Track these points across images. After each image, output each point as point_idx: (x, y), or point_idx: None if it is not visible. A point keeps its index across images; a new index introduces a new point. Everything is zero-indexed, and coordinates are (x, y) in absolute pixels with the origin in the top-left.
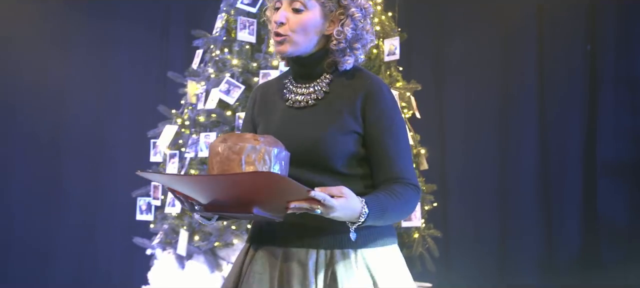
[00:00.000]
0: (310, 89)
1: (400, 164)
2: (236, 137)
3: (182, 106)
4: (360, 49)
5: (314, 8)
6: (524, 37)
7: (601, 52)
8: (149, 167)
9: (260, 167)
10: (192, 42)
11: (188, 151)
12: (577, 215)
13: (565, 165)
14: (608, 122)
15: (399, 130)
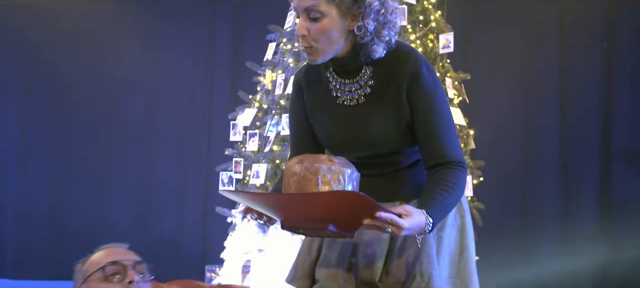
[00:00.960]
0: (355, 85)
1: (446, 145)
2: (312, 158)
3: (258, 92)
4: (389, 34)
5: (331, 12)
6: (546, 36)
7: (617, 49)
8: (227, 146)
9: (335, 187)
10: (238, 37)
11: (270, 130)
12: (593, 197)
13: (583, 153)
14: (623, 114)
15: (442, 109)
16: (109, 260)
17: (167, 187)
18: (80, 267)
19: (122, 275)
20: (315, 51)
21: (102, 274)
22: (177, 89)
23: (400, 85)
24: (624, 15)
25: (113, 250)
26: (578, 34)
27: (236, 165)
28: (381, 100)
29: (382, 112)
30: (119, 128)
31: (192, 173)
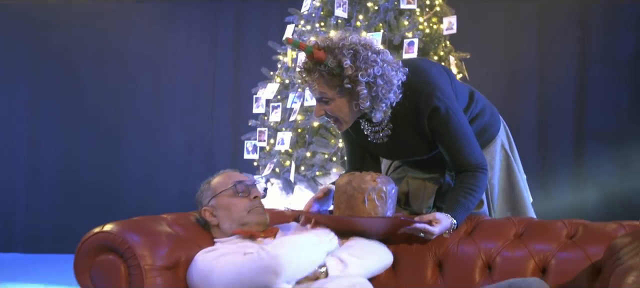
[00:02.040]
0: (378, 129)
1: (467, 155)
2: (359, 179)
3: (278, 69)
4: (386, 96)
5: (335, 97)
6: (527, 24)
7: (590, 37)
8: (250, 118)
9: (379, 203)
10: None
11: (295, 101)
12: (568, 171)
13: (559, 131)
14: (595, 96)
15: (459, 127)
16: (236, 179)
17: (174, 159)
18: (208, 186)
19: (247, 192)
20: (339, 122)
21: (232, 191)
22: (183, 71)
23: (422, 121)
24: (597, 5)
25: (232, 174)
26: (555, 23)
27: (260, 134)
28: (404, 137)
29: (408, 143)
30: (126, 110)
31: (199, 145)
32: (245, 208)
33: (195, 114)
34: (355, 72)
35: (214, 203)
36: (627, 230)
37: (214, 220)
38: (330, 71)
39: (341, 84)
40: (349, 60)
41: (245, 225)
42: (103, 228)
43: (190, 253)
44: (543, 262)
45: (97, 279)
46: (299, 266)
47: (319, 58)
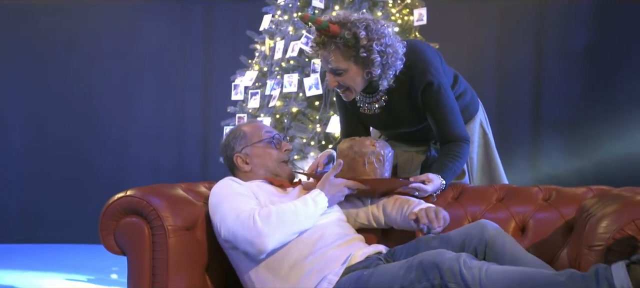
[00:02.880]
0: (373, 99)
1: (454, 129)
2: (359, 143)
3: (256, 57)
4: (394, 63)
5: (349, 66)
6: (487, 19)
7: (546, 32)
8: (229, 105)
9: (377, 165)
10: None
11: (274, 88)
12: (526, 159)
13: (517, 121)
14: (551, 88)
15: (447, 101)
16: (268, 130)
17: (140, 148)
18: (242, 134)
19: (279, 144)
20: (349, 91)
21: (267, 142)
22: (152, 59)
23: (416, 94)
24: (552, 1)
25: (263, 125)
26: (513, 18)
27: (239, 120)
28: (396, 109)
29: (399, 114)
30: (96, 99)
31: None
32: (278, 159)
33: (166, 102)
34: (370, 42)
35: (249, 151)
36: (594, 192)
37: (246, 166)
38: (346, 42)
39: (356, 54)
40: (364, 32)
41: (277, 176)
42: (126, 193)
43: (204, 217)
44: (522, 221)
45: (121, 240)
46: (283, 241)
47: (335, 31)
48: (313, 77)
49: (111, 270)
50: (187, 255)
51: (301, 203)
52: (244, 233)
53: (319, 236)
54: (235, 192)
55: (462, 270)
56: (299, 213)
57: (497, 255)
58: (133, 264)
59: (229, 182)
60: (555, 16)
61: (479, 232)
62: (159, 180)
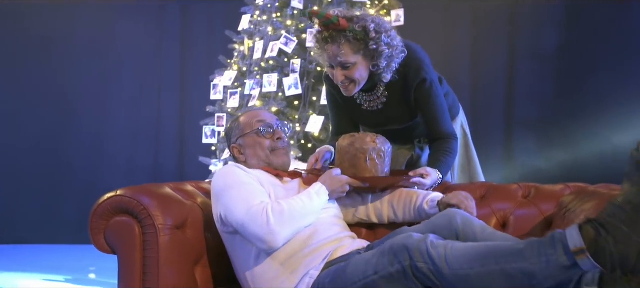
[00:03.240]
0: (373, 97)
1: (444, 125)
2: (360, 140)
3: (235, 57)
4: (398, 56)
5: (358, 60)
6: (460, 19)
7: (518, 32)
8: (208, 104)
9: (379, 161)
10: (187, 11)
11: (253, 87)
12: (499, 158)
13: (490, 120)
14: (523, 88)
15: (439, 100)
16: (260, 119)
17: (117, 147)
18: (237, 125)
19: (271, 133)
20: (354, 83)
21: (257, 131)
22: (129, 58)
23: (410, 91)
24: (524, 3)
25: (258, 113)
26: (486, 19)
27: (219, 119)
28: (395, 105)
29: (396, 111)
30: (71, 98)
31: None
32: (269, 148)
33: (142, 101)
34: (378, 34)
35: (242, 142)
36: (572, 189)
37: (241, 157)
38: (356, 36)
39: (365, 47)
40: (373, 24)
41: (270, 165)
42: (117, 193)
43: (193, 215)
44: (503, 218)
45: (111, 239)
46: (291, 237)
47: (344, 26)
48: (292, 77)
49: (89, 270)
50: (178, 253)
51: (307, 198)
52: (256, 230)
53: (312, 232)
54: (242, 181)
55: (429, 249)
56: (306, 208)
57: (469, 240)
58: (124, 263)
59: (234, 168)
60: (527, 18)
61: (447, 223)
62: (135, 180)
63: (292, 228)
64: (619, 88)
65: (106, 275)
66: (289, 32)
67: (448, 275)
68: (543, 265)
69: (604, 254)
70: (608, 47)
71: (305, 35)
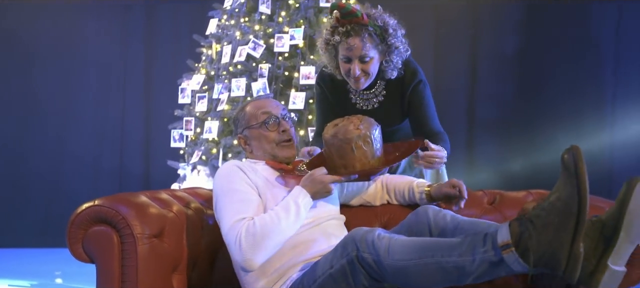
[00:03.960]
0: (371, 95)
1: (435, 124)
2: (343, 129)
3: (202, 61)
4: (404, 53)
5: (375, 55)
6: (424, 23)
7: (480, 35)
8: (176, 108)
9: (366, 148)
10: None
11: (222, 92)
12: (462, 157)
13: (453, 121)
14: (484, 89)
15: (430, 101)
16: (265, 111)
17: (80, 150)
18: (243, 115)
19: (276, 125)
20: (366, 75)
21: (262, 123)
22: (93, 60)
23: (405, 92)
24: (485, 7)
25: (265, 103)
26: (449, 22)
27: (187, 123)
28: (390, 105)
29: (390, 111)
30: (34, 101)
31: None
32: (275, 140)
33: (107, 103)
34: (395, 31)
35: (247, 133)
36: (534, 196)
37: (247, 148)
38: (376, 31)
39: (382, 42)
40: (391, 21)
41: (275, 158)
42: (95, 203)
43: (170, 224)
44: None
45: (90, 248)
46: (271, 253)
47: (366, 21)
48: (261, 82)
49: (54, 274)
50: (156, 261)
51: (283, 211)
52: (233, 253)
53: (303, 243)
54: (235, 188)
55: (374, 240)
56: (281, 225)
57: (444, 231)
58: (102, 272)
59: (233, 169)
60: (488, 20)
61: (419, 218)
62: (100, 183)
63: (267, 249)
64: (575, 92)
65: (72, 279)
66: (257, 36)
67: (387, 265)
68: (474, 259)
69: (528, 250)
70: (567, 51)
71: (273, 39)
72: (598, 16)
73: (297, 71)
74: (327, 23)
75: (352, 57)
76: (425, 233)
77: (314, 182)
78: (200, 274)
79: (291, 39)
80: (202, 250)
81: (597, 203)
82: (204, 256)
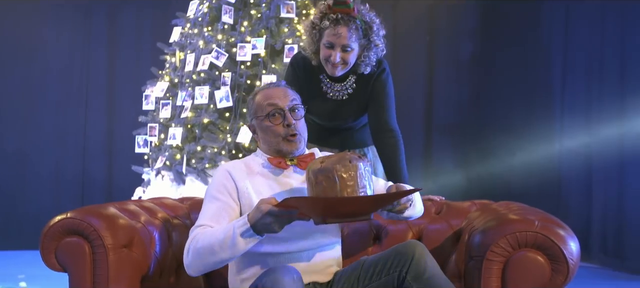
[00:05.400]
0: (342, 87)
1: (393, 119)
2: (328, 169)
3: (166, 68)
4: (376, 58)
5: (356, 47)
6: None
7: (436, 42)
8: (141, 114)
9: (360, 181)
10: (115, 20)
11: (186, 99)
12: (419, 161)
13: (411, 126)
14: (440, 94)
15: (391, 93)
16: (272, 103)
17: (42, 156)
18: (252, 104)
19: (283, 118)
20: (342, 69)
21: (268, 115)
22: (55, 65)
23: (370, 85)
24: (442, 13)
25: (274, 92)
26: (407, 28)
27: (151, 129)
28: (358, 97)
29: (357, 104)
30: None
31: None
32: (281, 135)
33: (69, 108)
34: (378, 30)
35: (255, 124)
36: (477, 206)
37: (256, 137)
38: (362, 25)
39: (365, 37)
40: (377, 20)
41: (279, 152)
42: (67, 215)
43: (139, 234)
44: (419, 232)
45: (62, 258)
46: (207, 270)
47: (354, 15)
48: (223, 90)
49: (18, 277)
50: (125, 270)
51: (222, 234)
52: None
53: (281, 269)
54: (214, 195)
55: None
56: (214, 247)
57: (418, 274)
58: (75, 281)
59: (223, 176)
60: (444, 27)
61: (402, 255)
62: (62, 188)
63: (200, 264)
64: (526, 96)
65: (36, 282)
66: (220, 46)
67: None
68: None
69: None
70: (519, 54)
71: (235, 49)
72: (548, 16)
73: (259, 79)
74: (317, 8)
75: (336, 44)
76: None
77: (256, 209)
78: (167, 281)
79: (253, 48)
80: (169, 258)
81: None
82: (171, 264)
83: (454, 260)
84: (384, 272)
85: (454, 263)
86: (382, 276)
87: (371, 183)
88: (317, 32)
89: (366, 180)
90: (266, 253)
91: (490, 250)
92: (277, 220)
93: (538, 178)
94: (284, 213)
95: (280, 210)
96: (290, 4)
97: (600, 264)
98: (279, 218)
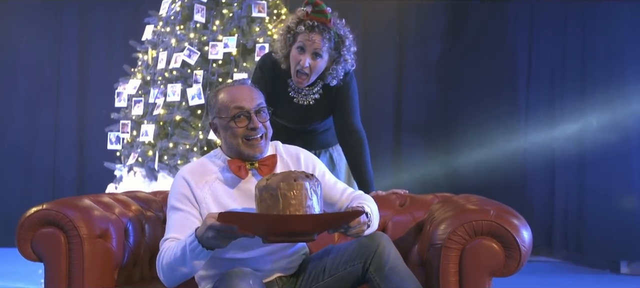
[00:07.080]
0: (309, 93)
1: (357, 120)
2: (272, 189)
3: (138, 66)
4: (343, 72)
5: (326, 57)
6: (351, 29)
7: (406, 42)
8: (113, 111)
9: (305, 201)
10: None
11: (158, 96)
12: (388, 160)
13: (380, 125)
14: (410, 93)
15: (356, 96)
16: (237, 105)
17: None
18: (215, 100)
19: (247, 120)
20: (307, 78)
21: (231, 117)
22: (24, 64)
23: (335, 90)
24: (411, 14)
25: (238, 91)
26: (376, 28)
27: (123, 126)
28: (324, 103)
29: (323, 109)
30: None
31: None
32: (241, 136)
33: (39, 104)
34: (350, 45)
35: (217, 122)
36: (439, 199)
37: (217, 135)
38: (335, 37)
39: (336, 49)
40: (350, 36)
41: (240, 155)
42: (43, 207)
43: (113, 225)
44: (383, 224)
45: (38, 248)
46: (178, 281)
47: (330, 26)
48: (195, 88)
49: None
50: (100, 260)
51: (180, 251)
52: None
53: (238, 274)
54: (175, 206)
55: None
56: (174, 264)
57: (380, 265)
58: (50, 270)
59: (180, 185)
60: (413, 27)
61: (366, 247)
62: (33, 183)
63: (172, 278)
64: (492, 97)
65: (8, 278)
66: (192, 44)
67: None
68: None
69: None
70: (485, 55)
71: (207, 47)
72: (513, 17)
73: (230, 77)
74: (295, 13)
75: (307, 49)
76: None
77: (203, 223)
78: (141, 271)
79: (225, 46)
80: (142, 248)
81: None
82: (145, 254)
83: (416, 249)
84: (349, 263)
85: (417, 252)
86: (347, 266)
87: (319, 203)
88: (291, 36)
89: (313, 200)
90: (230, 259)
91: (448, 238)
92: (220, 235)
93: (503, 174)
94: (226, 228)
95: (221, 225)
96: (262, 3)
97: (562, 259)
98: (222, 234)
